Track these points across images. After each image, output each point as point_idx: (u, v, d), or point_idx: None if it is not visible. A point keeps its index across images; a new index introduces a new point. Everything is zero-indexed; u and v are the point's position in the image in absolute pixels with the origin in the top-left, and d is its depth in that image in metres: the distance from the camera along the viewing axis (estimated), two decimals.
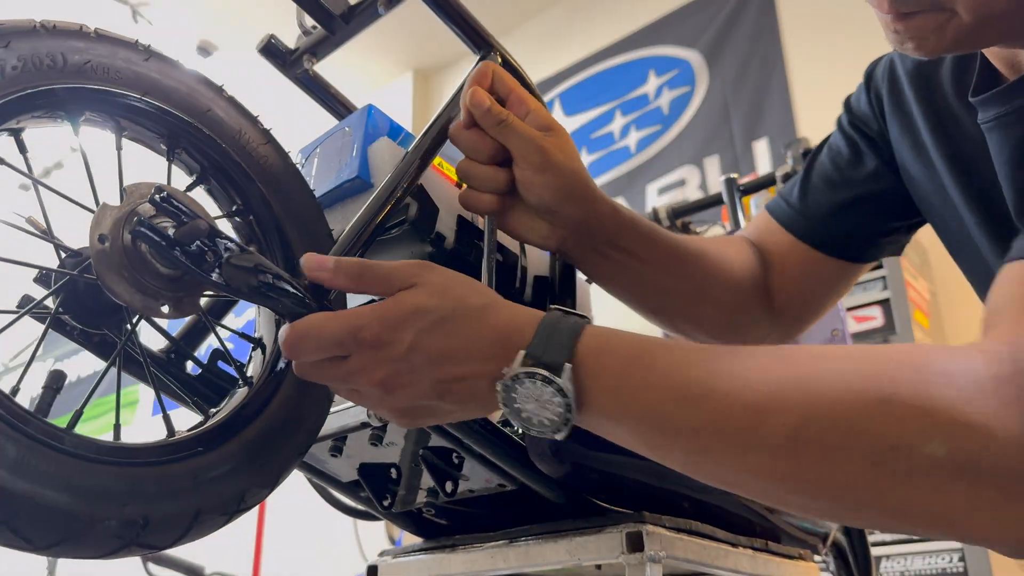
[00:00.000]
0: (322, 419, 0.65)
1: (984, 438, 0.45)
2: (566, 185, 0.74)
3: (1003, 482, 0.45)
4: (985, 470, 0.45)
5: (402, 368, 0.54)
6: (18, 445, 0.47)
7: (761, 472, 0.50)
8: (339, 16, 0.81)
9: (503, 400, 0.54)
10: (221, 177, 0.66)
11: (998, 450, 0.45)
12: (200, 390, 0.68)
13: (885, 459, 0.46)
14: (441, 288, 0.56)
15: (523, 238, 0.78)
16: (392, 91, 4.87)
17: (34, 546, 0.47)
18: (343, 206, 0.74)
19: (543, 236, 0.77)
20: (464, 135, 0.72)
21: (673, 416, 0.52)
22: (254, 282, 0.55)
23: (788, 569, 0.92)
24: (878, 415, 0.47)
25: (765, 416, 0.49)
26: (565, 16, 4.38)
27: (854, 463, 0.47)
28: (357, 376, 0.55)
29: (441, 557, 0.85)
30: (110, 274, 0.53)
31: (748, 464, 0.50)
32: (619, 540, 0.73)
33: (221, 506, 0.55)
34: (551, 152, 0.72)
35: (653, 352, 0.54)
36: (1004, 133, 0.71)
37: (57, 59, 0.55)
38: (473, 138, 0.72)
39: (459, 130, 0.73)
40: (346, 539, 3.05)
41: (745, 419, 0.50)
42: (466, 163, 0.73)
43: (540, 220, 0.76)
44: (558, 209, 0.75)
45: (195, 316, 0.70)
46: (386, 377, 0.55)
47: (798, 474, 0.49)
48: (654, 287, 0.86)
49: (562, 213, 0.75)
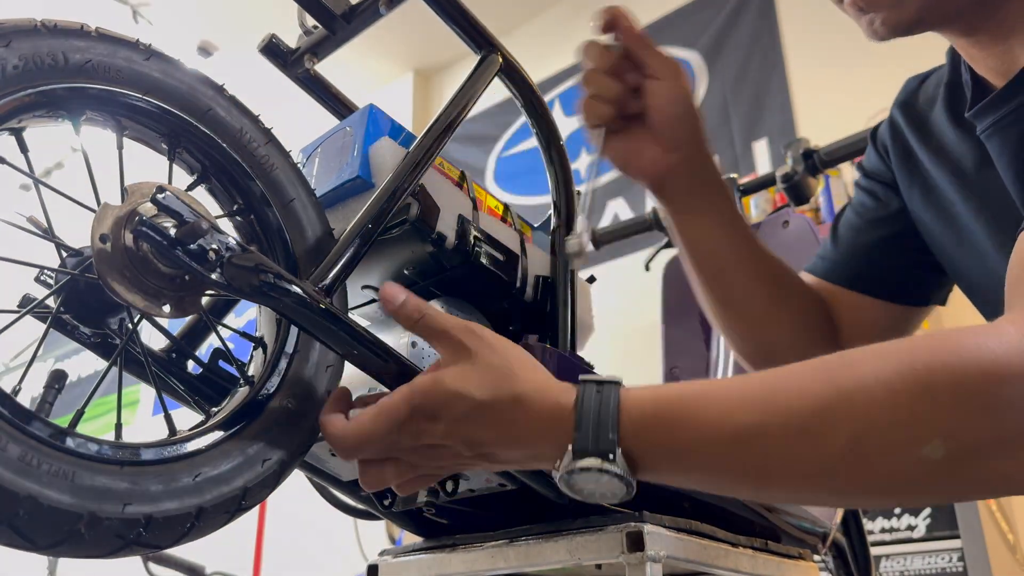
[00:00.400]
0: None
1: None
2: (690, 106, 0.79)
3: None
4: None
5: (443, 451, 0.57)
6: (20, 445, 0.47)
7: (833, 488, 0.53)
8: (340, 16, 0.81)
9: (564, 486, 0.55)
10: (222, 176, 0.66)
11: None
12: (201, 389, 0.68)
13: (941, 446, 0.48)
14: (482, 371, 0.56)
15: (631, 161, 0.80)
16: (392, 91, 4.87)
17: (36, 546, 0.47)
18: (344, 206, 0.74)
19: (653, 159, 0.79)
20: (597, 46, 0.76)
21: (731, 463, 0.54)
22: (255, 281, 0.55)
23: (788, 569, 0.92)
24: (925, 407, 0.48)
25: (821, 439, 0.50)
26: (566, 16, 4.37)
27: (911, 456, 0.49)
28: (409, 456, 0.58)
29: (441, 556, 0.85)
30: (111, 274, 0.53)
31: (819, 484, 0.53)
32: (619, 540, 0.73)
33: (223, 505, 0.55)
34: (684, 72, 0.77)
35: (694, 407, 0.55)
36: (1003, 136, 0.72)
37: (58, 58, 0.55)
38: (606, 53, 0.76)
39: (592, 44, 0.77)
40: (346, 538, 3.05)
41: (802, 446, 0.51)
42: (591, 73, 0.76)
43: (651, 144, 0.79)
44: (680, 125, 0.78)
45: (196, 315, 0.70)
46: (432, 453, 0.57)
47: (859, 481, 0.51)
48: (736, 262, 0.87)
49: (681, 133, 0.78)
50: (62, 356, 5.53)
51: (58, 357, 5.56)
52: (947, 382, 0.48)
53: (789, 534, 0.97)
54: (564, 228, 0.87)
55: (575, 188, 0.88)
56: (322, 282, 0.62)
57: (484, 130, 4.33)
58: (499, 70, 0.80)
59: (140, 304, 0.54)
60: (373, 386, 0.75)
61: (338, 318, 0.60)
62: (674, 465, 0.55)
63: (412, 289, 0.81)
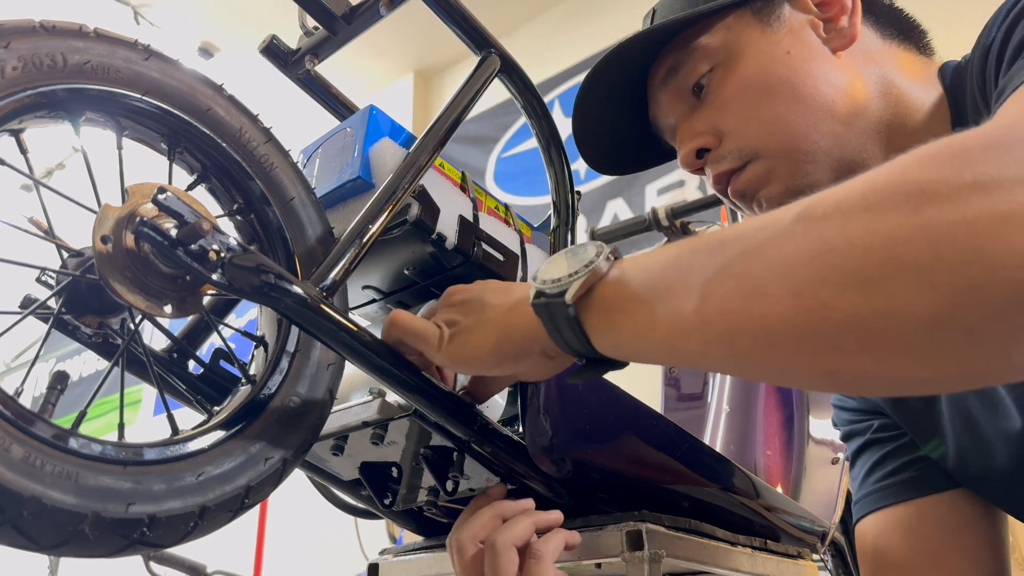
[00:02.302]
0: (324, 418, 0.65)
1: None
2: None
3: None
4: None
5: (466, 306, 0.64)
6: (24, 446, 0.47)
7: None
8: (341, 17, 0.81)
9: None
10: (222, 176, 0.66)
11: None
12: (203, 389, 0.68)
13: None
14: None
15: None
16: (393, 92, 4.87)
17: (40, 546, 0.47)
18: (345, 206, 0.74)
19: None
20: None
21: (695, 258, 0.49)
22: (256, 282, 0.56)
23: (787, 568, 0.92)
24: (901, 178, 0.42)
25: (775, 229, 0.45)
26: (566, 17, 4.38)
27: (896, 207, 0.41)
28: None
29: (442, 556, 0.85)
30: (113, 274, 0.53)
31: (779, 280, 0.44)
32: (619, 539, 0.73)
33: (225, 503, 0.55)
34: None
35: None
36: None
37: (57, 59, 0.56)
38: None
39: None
40: (347, 537, 3.05)
41: (758, 236, 0.46)
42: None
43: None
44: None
45: (197, 315, 0.70)
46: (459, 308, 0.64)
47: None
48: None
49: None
50: (63, 356, 5.54)
51: (60, 357, 5.57)
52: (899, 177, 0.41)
53: (788, 533, 0.97)
54: (564, 228, 0.87)
55: (575, 188, 0.88)
56: (323, 282, 0.62)
57: (484, 130, 4.33)
58: (499, 71, 0.81)
59: (142, 304, 0.54)
60: (373, 386, 0.75)
61: (338, 319, 0.61)
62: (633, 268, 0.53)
63: (412, 289, 0.81)
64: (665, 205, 2.41)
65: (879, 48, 0.79)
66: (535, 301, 0.55)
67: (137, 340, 0.62)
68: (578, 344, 0.55)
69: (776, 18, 0.79)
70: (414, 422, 0.71)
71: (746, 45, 0.78)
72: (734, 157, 0.79)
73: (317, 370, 0.65)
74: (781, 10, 0.79)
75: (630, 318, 0.51)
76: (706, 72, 0.80)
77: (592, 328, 0.54)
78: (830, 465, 1.39)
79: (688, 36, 0.80)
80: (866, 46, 0.79)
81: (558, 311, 0.54)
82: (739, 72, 0.78)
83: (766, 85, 0.76)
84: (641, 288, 0.51)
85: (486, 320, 0.62)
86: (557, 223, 0.87)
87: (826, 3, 0.79)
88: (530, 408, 0.73)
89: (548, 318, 0.55)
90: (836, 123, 0.75)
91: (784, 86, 0.76)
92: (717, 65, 0.79)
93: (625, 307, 0.52)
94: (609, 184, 3.76)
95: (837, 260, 0.41)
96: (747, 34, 0.79)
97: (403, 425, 0.73)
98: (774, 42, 0.78)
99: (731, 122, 0.78)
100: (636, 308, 0.51)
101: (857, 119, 0.76)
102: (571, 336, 0.54)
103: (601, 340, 0.54)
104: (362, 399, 0.73)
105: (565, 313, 0.54)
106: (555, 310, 0.54)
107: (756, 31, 0.78)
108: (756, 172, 0.78)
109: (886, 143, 0.76)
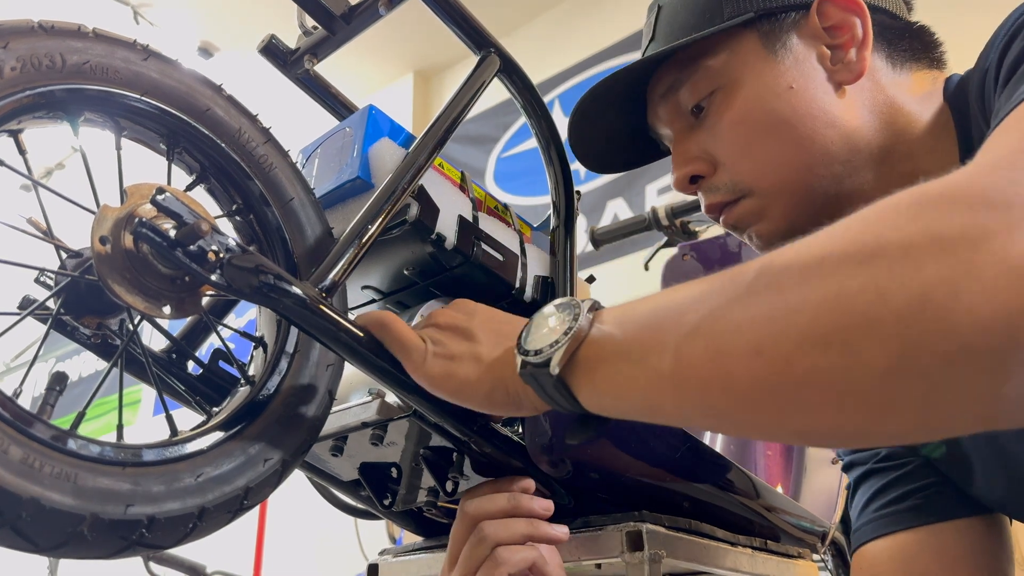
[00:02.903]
0: (323, 418, 0.65)
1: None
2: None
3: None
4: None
5: (457, 332, 0.64)
6: (22, 448, 0.47)
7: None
8: (340, 16, 0.81)
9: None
10: (221, 176, 0.66)
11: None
12: (202, 390, 0.68)
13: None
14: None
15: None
16: (392, 92, 4.87)
17: (39, 548, 0.47)
18: (344, 206, 0.74)
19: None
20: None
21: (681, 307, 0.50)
22: (255, 282, 0.55)
23: (787, 568, 0.92)
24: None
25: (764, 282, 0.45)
26: (566, 17, 4.37)
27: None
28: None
29: (441, 556, 0.85)
30: (112, 275, 0.53)
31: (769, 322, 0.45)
32: (619, 539, 0.73)
33: (225, 504, 0.55)
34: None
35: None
36: None
37: (56, 59, 0.55)
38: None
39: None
40: (347, 538, 3.05)
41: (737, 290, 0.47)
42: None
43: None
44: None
45: (195, 316, 0.70)
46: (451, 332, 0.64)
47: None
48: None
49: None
50: (63, 356, 5.54)
51: (59, 357, 5.57)
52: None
53: (788, 533, 0.97)
54: (564, 228, 0.87)
55: (575, 188, 0.88)
56: (322, 283, 0.62)
57: (484, 130, 4.33)
58: (499, 71, 0.81)
59: (140, 305, 0.54)
60: (373, 386, 0.75)
61: (338, 319, 0.60)
62: (614, 320, 0.54)
63: (412, 289, 0.81)
64: (665, 204, 2.41)
65: (888, 78, 0.76)
66: (522, 371, 0.57)
67: (136, 341, 0.62)
68: (567, 404, 0.56)
69: (782, 46, 0.76)
70: (414, 423, 0.71)
71: (748, 73, 0.76)
72: (727, 190, 0.77)
73: (316, 371, 0.64)
74: (788, 38, 0.76)
75: (611, 378, 0.53)
76: (706, 95, 0.77)
77: (578, 389, 0.55)
78: (830, 465, 1.39)
79: (692, 53, 0.78)
80: (874, 77, 0.76)
81: (545, 379, 0.56)
82: (738, 103, 0.76)
83: (764, 122, 0.74)
84: (620, 347, 0.53)
85: (476, 357, 0.62)
86: (557, 223, 0.87)
87: (836, 28, 0.75)
88: None
89: (537, 384, 0.57)
90: (834, 164, 0.74)
91: (782, 126, 0.74)
92: (718, 89, 0.77)
93: (606, 367, 0.53)
94: (609, 184, 3.76)
95: (794, 317, 0.42)
96: (751, 60, 0.76)
97: (403, 426, 0.72)
98: (777, 74, 0.75)
99: (726, 154, 0.77)
100: (617, 368, 0.52)
101: (857, 154, 0.74)
102: (560, 398, 0.56)
103: (587, 399, 0.55)
104: (362, 400, 0.73)
105: (552, 380, 0.55)
106: (542, 378, 0.56)
107: (760, 59, 0.76)
108: (749, 208, 0.77)
109: (889, 167, 0.74)
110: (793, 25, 0.76)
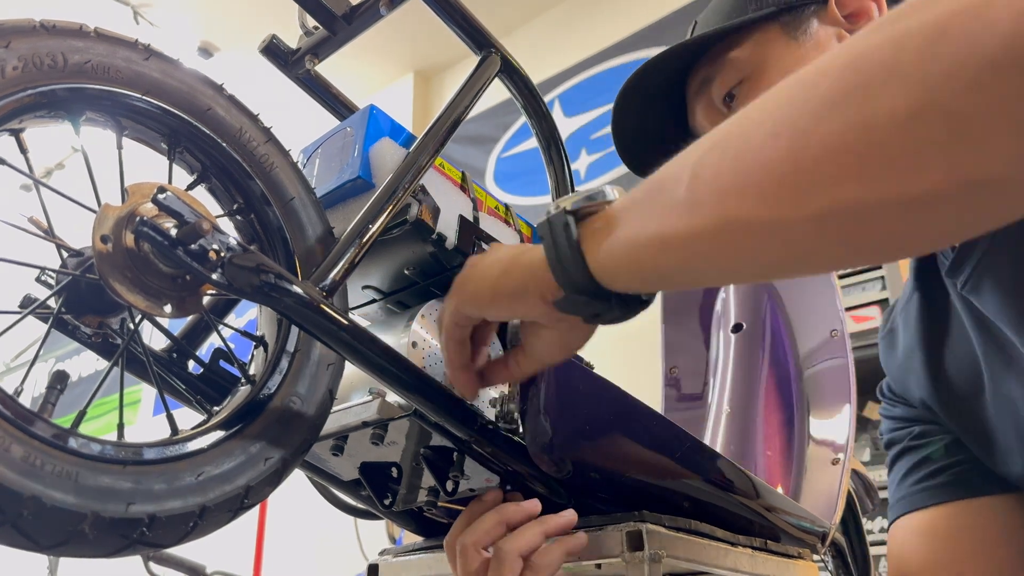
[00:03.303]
0: (324, 417, 0.65)
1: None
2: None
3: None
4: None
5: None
6: (23, 446, 0.47)
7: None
8: (341, 16, 0.81)
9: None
10: (222, 176, 0.66)
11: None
12: (203, 389, 0.68)
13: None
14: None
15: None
16: (393, 92, 4.87)
17: (40, 546, 0.47)
18: (345, 206, 0.74)
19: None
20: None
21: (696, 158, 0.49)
22: (256, 282, 0.55)
23: (787, 568, 0.92)
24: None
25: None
26: (566, 17, 4.37)
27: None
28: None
29: (441, 556, 0.85)
30: (113, 274, 0.53)
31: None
32: (619, 539, 0.73)
33: (225, 503, 0.55)
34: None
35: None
36: (980, 280, 0.75)
37: (57, 59, 0.56)
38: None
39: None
40: (347, 538, 3.05)
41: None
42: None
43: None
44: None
45: (196, 315, 0.70)
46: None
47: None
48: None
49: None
50: (63, 356, 5.54)
51: (59, 357, 5.57)
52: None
53: (788, 533, 0.97)
54: None
55: (575, 188, 0.88)
56: (323, 282, 0.62)
57: (484, 130, 4.33)
58: (499, 71, 0.81)
59: (141, 304, 0.54)
60: (373, 386, 0.75)
61: (338, 319, 0.60)
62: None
63: (412, 289, 0.81)
64: None
65: None
66: (540, 222, 0.57)
67: (137, 340, 0.62)
68: (573, 264, 0.54)
69: (803, 32, 0.80)
70: (414, 422, 0.71)
71: (773, 59, 0.80)
72: None
73: (317, 370, 0.65)
74: (809, 24, 0.81)
75: (627, 221, 0.52)
76: (736, 84, 0.83)
77: (588, 245, 0.54)
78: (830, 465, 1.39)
79: (720, 49, 0.83)
80: None
81: (557, 220, 0.55)
82: (763, 87, 0.77)
83: None
84: (641, 192, 0.52)
85: (494, 260, 0.63)
86: None
87: (855, 15, 0.80)
88: (530, 408, 0.73)
89: (548, 233, 0.55)
90: None
91: None
92: (746, 78, 0.82)
93: (626, 214, 0.53)
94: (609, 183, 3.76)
95: (812, 91, 0.41)
96: (774, 48, 0.81)
97: (403, 425, 0.73)
98: (799, 57, 0.79)
99: None
100: (634, 209, 0.52)
101: None
102: (566, 250, 0.54)
103: (596, 253, 0.53)
104: (362, 399, 0.73)
105: (563, 220, 0.54)
106: (555, 221, 0.55)
107: (782, 45, 0.80)
108: None
109: None
110: (813, 14, 0.81)
